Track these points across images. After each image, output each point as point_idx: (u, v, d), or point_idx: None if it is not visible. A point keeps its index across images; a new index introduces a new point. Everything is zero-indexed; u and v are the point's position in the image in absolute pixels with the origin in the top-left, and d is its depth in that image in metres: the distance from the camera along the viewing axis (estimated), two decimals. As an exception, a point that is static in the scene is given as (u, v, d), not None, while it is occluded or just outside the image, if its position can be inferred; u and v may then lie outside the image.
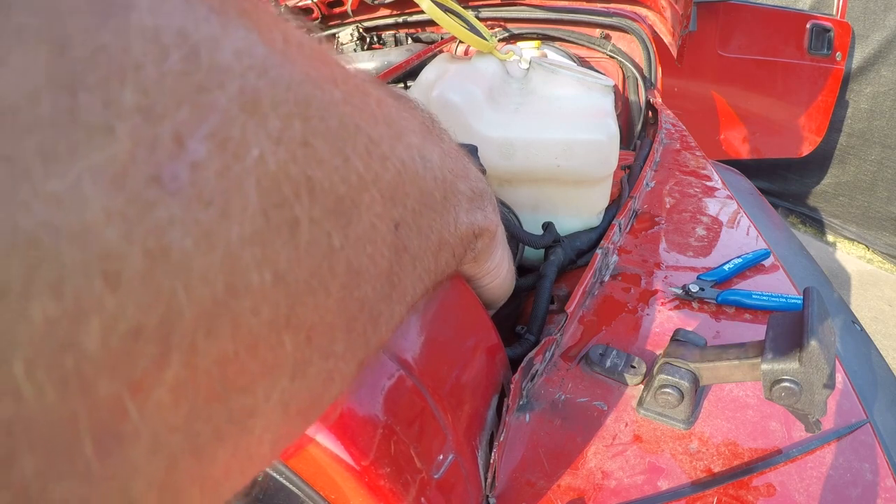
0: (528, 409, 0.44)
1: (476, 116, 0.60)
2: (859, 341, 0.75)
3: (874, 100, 2.29)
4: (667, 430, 0.42)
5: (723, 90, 2.14)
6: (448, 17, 0.63)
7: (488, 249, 0.38)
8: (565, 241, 0.62)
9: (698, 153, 0.88)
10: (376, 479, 0.30)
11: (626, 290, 0.57)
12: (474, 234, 0.33)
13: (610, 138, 0.60)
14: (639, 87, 1.19)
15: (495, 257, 0.40)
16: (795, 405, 0.36)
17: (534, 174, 0.61)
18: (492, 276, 0.41)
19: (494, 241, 0.38)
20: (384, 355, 0.34)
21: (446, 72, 0.66)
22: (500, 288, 0.44)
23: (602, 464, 0.40)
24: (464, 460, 0.36)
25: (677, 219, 0.69)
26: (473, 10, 1.29)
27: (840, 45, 2.03)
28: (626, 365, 0.46)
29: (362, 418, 0.31)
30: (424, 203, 0.23)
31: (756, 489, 0.38)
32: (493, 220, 0.35)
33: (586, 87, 0.68)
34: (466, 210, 0.31)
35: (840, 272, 2.32)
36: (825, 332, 0.34)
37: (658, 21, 1.23)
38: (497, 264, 0.41)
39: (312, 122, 0.16)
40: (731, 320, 0.53)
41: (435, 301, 0.39)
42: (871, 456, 0.41)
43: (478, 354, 0.42)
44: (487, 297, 0.44)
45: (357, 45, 1.44)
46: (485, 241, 0.36)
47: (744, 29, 2.05)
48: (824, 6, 2.26)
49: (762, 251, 0.61)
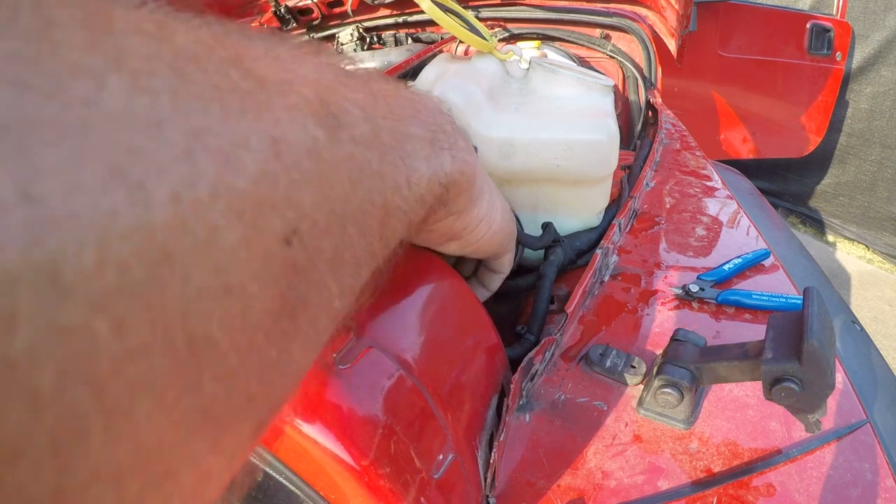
0: (528, 409, 0.44)
1: (476, 116, 0.60)
2: (859, 341, 0.75)
3: (874, 100, 2.29)
4: (667, 430, 0.42)
5: (723, 90, 2.13)
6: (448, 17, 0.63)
7: (468, 198, 0.32)
8: (565, 241, 0.62)
9: (698, 153, 0.88)
10: (376, 479, 0.30)
11: (626, 290, 0.57)
12: (443, 186, 0.27)
13: (610, 138, 0.60)
14: (639, 87, 1.19)
15: (482, 204, 0.34)
16: (795, 405, 0.36)
17: (534, 174, 0.61)
18: (485, 226, 0.35)
19: (474, 186, 0.32)
20: (384, 355, 0.34)
21: (446, 72, 0.66)
22: (498, 235, 0.37)
23: (602, 464, 0.40)
24: (464, 460, 0.36)
25: (677, 219, 0.69)
26: (473, 10, 1.29)
27: (840, 45, 2.03)
28: (626, 365, 0.46)
29: (362, 418, 0.31)
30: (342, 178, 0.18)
31: (756, 489, 0.38)
32: (466, 161, 0.29)
33: (586, 87, 0.68)
34: (427, 157, 0.25)
35: (840, 272, 2.32)
36: (825, 332, 0.34)
37: (658, 21, 1.23)
38: (486, 212, 0.34)
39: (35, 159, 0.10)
40: (731, 320, 0.53)
41: (435, 301, 0.39)
42: (871, 456, 0.41)
43: (478, 354, 0.42)
44: (487, 249, 0.38)
45: (357, 45, 1.44)
46: (460, 189, 0.30)
47: (744, 29, 2.05)
48: (824, 6, 2.26)
49: (762, 251, 0.61)
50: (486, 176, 0.35)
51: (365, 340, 0.34)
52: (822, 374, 0.34)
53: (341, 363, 0.32)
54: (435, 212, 0.29)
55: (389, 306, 0.37)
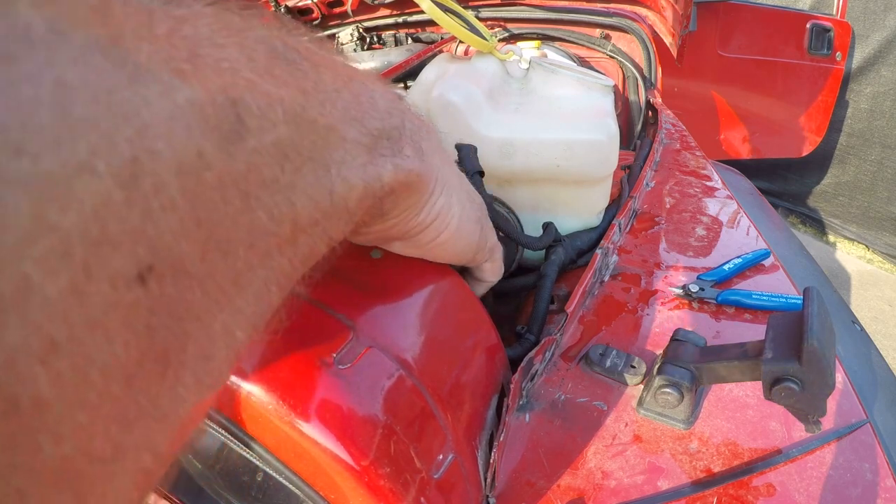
0: (527, 409, 0.44)
1: (476, 116, 0.60)
2: (859, 341, 0.75)
3: (874, 100, 2.29)
4: (667, 430, 0.42)
5: (723, 90, 2.14)
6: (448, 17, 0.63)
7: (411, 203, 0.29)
8: (566, 240, 0.62)
9: (698, 153, 0.88)
10: (376, 479, 0.30)
11: (626, 290, 0.57)
12: (377, 197, 0.25)
13: (610, 138, 0.60)
14: (639, 87, 1.19)
15: (431, 208, 0.31)
16: (795, 405, 0.36)
17: (534, 174, 0.61)
18: (434, 230, 0.32)
19: (423, 191, 0.29)
20: (384, 355, 0.34)
21: (446, 72, 0.66)
22: (456, 240, 0.34)
23: (602, 464, 0.40)
24: (463, 460, 0.36)
25: (677, 219, 0.69)
26: (473, 10, 1.29)
27: (840, 45, 2.03)
28: (626, 365, 0.46)
29: (362, 418, 0.31)
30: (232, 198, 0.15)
31: (756, 489, 0.38)
32: (412, 169, 0.26)
33: (586, 87, 0.68)
34: (362, 165, 0.22)
35: (840, 272, 2.32)
36: (825, 332, 0.34)
37: (658, 21, 1.23)
38: (437, 214, 0.31)
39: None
40: (731, 320, 0.53)
41: (435, 301, 0.39)
42: (871, 456, 0.41)
43: (478, 354, 0.42)
44: (444, 255, 0.36)
45: (357, 45, 1.44)
46: (400, 198, 0.28)
47: (744, 29, 2.05)
48: (824, 6, 2.26)
49: (762, 251, 0.61)
50: (451, 177, 0.33)
51: (365, 340, 0.34)
52: (822, 374, 0.34)
53: (341, 363, 0.32)
54: (366, 224, 0.27)
55: (389, 306, 0.37)
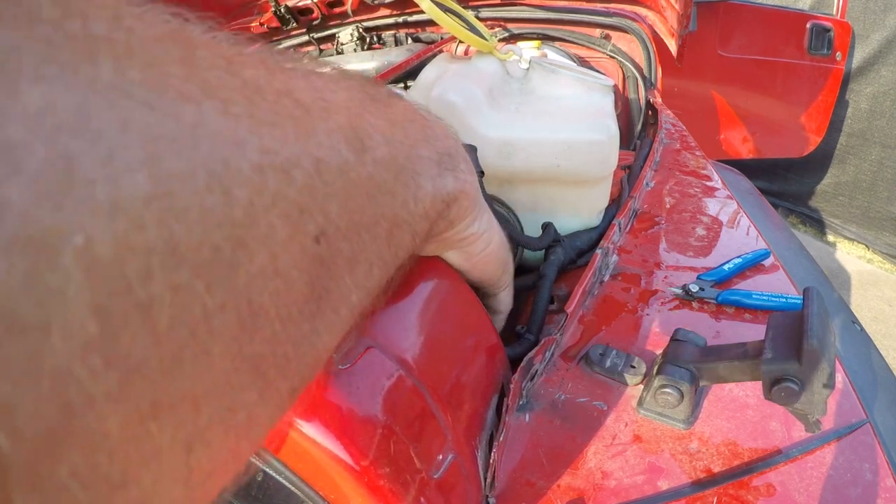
0: (527, 409, 0.44)
1: (476, 116, 0.60)
2: (859, 341, 0.75)
3: (874, 100, 2.29)
4: (667, 430, 0.42)
5: (723, 90, 2.13)
6: (448, 17, 0.63)
7: (467, 213, 0.35)
8: (565, 240, 0.62)
9: (698, 153, 0.88)
10: (376, 479, 0.30)
11: (626, 290, 0.57)
12: (444, 203, 0.30)
13: (610, 138, 0.60)
14: (639, 87, 1.19)
15: (481, 221, 0.36)
16: (795, 405, 0.36)
17: (533, 174, 0.61)
18: (483, 242, 0.38)
19: (474, 204, 0.35)
20: (384, 355, 0.34)
21: (446, 72, 0.66)
22: (496, 255, 0.40)
23: (602, 464, 0.40)
24: (463, 460, 0.36)
25: (677, 219, 0.69)
26: (473, 10, 1.29)
27: (840, 45, 2.03)
28: (625, 365, 0.46)
29: (362, 418, 0.31)
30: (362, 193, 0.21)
31: (756, 489, 0.38)
32: (467, 181, 0.33)
33: (586, 87, 0.68)
34: (433, 177, 0.28)
35: (840, 272, 2.32)
36: (825, 332, 0.34)
37: (658, 21, 1.23)
38: (486, 228, 0.37)
39: (165, 164, 0.13)
40: (731, 320, 0.53)
41: (435, 301, 0.39)
42: (871, 456, 0.41)
43: (478, 354, 0.42)
44: (486, 268, 0.40)
45: (357, 45, 1.44)
46: (461, 206, 0.33)
47: (744, 29, 2.05)
48: (824, 6, 2.26)
49: (762, 251, 0.61)
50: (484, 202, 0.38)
51: (365, 340, 0.34)
52: (821, 374, 0.34)
53: (341, 363, 0.32)
54: (437, 224, 0.32)
55: (389, 306, 0.37)
